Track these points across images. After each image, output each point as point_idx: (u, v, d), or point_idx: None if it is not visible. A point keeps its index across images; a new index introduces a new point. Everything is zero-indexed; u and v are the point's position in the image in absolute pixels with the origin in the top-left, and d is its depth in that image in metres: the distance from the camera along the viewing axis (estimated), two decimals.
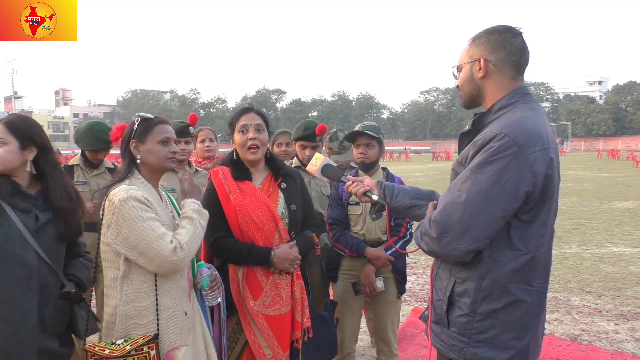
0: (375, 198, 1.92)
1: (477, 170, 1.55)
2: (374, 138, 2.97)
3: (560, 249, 7.29)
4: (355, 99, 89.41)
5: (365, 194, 1.95)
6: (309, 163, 2.23)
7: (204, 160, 3.84)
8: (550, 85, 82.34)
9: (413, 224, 2.14)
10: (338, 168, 2.27)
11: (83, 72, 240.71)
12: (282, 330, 2.36)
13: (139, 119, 2.05)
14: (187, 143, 3.41)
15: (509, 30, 1.68)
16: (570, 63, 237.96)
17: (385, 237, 2.97)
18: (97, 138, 3.43)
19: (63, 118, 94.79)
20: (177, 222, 2.10)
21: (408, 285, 5.30)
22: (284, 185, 2.50)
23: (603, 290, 5.40)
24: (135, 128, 2.03)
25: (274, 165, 2.54)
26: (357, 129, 3.01)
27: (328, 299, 2.84)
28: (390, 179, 3.01)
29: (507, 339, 1.60)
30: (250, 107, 2.53)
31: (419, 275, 6.15)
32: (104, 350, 1.83)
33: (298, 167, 3.27)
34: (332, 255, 3.12)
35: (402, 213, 1.98)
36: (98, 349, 1.84)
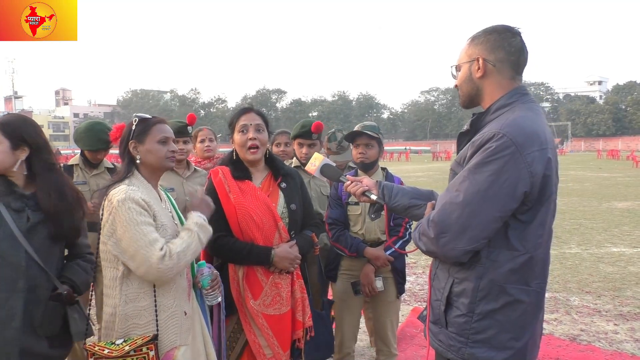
0: (374, 198, 1.93)
1: (475, 171, 1.55)
2: (374, 138, 2.98)
3: (560, 249, 7.29)
4: (356, 99, 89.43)
5: (364, 194, 1.96)
6: (308, 163, 2.23)
7: (204, 160, 3.84)
8: (550, 85, 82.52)
9: (412, 224, 2.14)
10: (337, 168, 2.28)
11: (83, 72, 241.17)
12: (282, 330, 2.36)
13: (137, 120, 2.05)
14: (185, 143, 3.42)
15: (508, 30, 1.67)
16: (570, 63, 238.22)
17: (385, 237, 2.97)
18: (96, 138, 3.43)
19: (63, 118, 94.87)
20: (176, 222, 2.10)
21: (407, 285, 5.30)
22: (284, 185, 2.50)
23: (602, 291, 5.40)
24: (134, 128, 2.03)
25: (274, 165, 2.54)
26: (356, 129, 3.02)
27: (325, 299, 2.85)
28: (390, 179, 3.01)
29: (504, 339, 1.60)
30: (250, 107, 2.53)
31: (419, 275, 6.15)
32: (104, 350, 1.83)
33: (297, 167, 3.28)
34: (331, 255, 3.12)
35: (400, 213, 1.98)
36: (98, 349, 1.84)
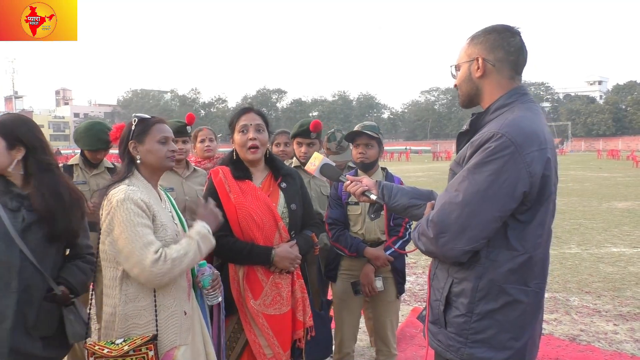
0: (374, 198, 1.93)
1: (474, 171, 1.55)
2: (374, 138, 2.98)
3: (560, 249, 7.29)
4: (356, 99, 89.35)
5: (364, 194, 1.96)
6: (308, 162, 2.23)
7: (204, 160, 3.85)
8: (551, 85, 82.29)
9: (412, 224, 2.14)
10: (337, 168, 2.28)
11: (83, 72, 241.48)
12: (282, 330, 2.36)
13: (137, 120, 2.05)
14: (184, 142, 3.43)
15: (508, 30, 1.67)
16: (570, 63, 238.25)
17: (385, 237, 2.97)
18: (96, 138, 3.43)
19: (64, 118, 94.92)
20: (176, 222, 2.10)
21: (407, 286, 5.31)
22: (284, 185, 2.50)
23: (602, 291, 5.39)
24: (133, 129, 2.03)
25: (274, 165, 2.54)
26: (356, 129, 3.02)
27: (325, 299, 2.85)
28: (390, 179, 3.01)
29: (504, 339, 1.60)
30: (250, 107, 2.53)
31: (419, 276, 6.15)
32: (103, 350, 1.84)
33: (297, 167, 3.28)
34: (331, 255, 3.12)
35: (400, 213, 1.98)
36: (98, 348, 1.85)
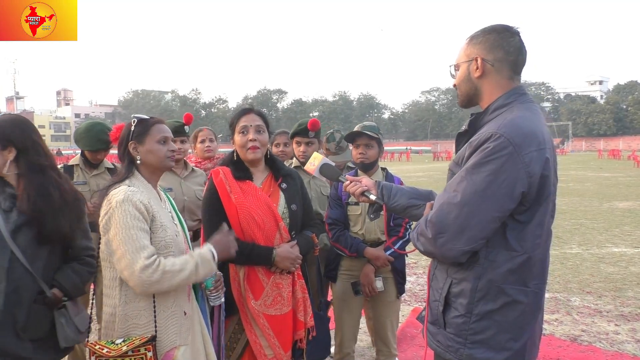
0: (373, 198, 1.93)
1: (472, 171, 1.55)
2: (374, 138, 2.98)
3: (561, 249, 7.28)
4: (356, 99, 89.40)
5: (363, 194, 1.96)
6: (307, 162, 2.23)
7: (204, 161, 3.85)
8: (551, 85, 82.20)
9: (412, 224, 2.14)
10: (336, 168, 2.27)
11: (84, 72, 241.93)
12: (283, 330, 2.36)
13: (136, 120, 2.05)
14: (182, 142, 3.44)
15: (507, 30, 1.67)
16: (571, 63, 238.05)
17: (385, 237, 2.97)
18: (96, 138, 3.43)
19: (64, 118, 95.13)
20: (175, 222, 2.10)
21: (408, 286, 5.30)
22: (285, 186, 2.50)
23: (603, 291, 5.39)
24: (133, 129, 2.03)
25: (274, 166, 2.54)
26: (356, 129, 3.02)
27: (323, 299, 2.86)
28: (390, 179, 3.01)
29: (503, 340, 1.60)
30: (251, 108, 2.52)
31: (419, 276, 6.14)
32: (103, 349, 1.84)
33: (297, 167, 3.28)
34: (331, 256, 3.12)
35: (399, 213, 1.98)
36: (98, 347, 1.85)
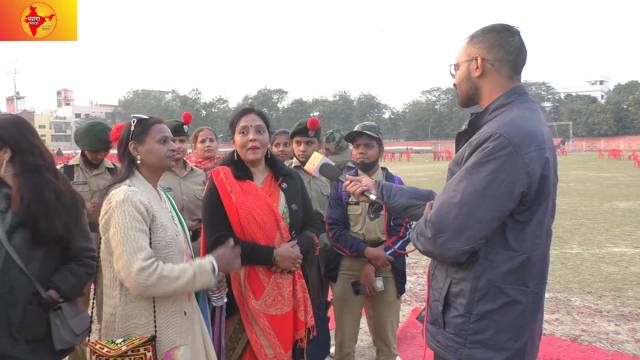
0: (373, 198, 1.92)
1: (472, 171, 1.55)
2: (374, 138, 2.98)
3: (561, 249, 7.28)
4: (357, 99, 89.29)
5: (363, 194, 1.95)
6: (307, 162, 2.23)
7: (204, 160, 3.86)
8: (552, 85, 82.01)
9: (412, 224, 2.14)
10: (336, 167, 2.27)
11: (85, 72, 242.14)
12: (284, 330, 2.36)
13: (135, 120, 2.05)
14: (181, 142, 3.45)
15: (507, 29, 1.67)
16: (572, 63, 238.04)
17: (385, 237, 2.97)
18: (96, 138, 3.43)
19: (65, 118, 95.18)
20: (175, 222, 2.10)
21: (408, 286, 5.31)
22: (285, 185, 2.50)
23: (604, 291, 5.39)
24: (133, 129, 2.03)
25: (275, 166, 2.54)
26: (356, 129, 3.02)
27: (323, 299, 2.86)
28: (390, 179, 3.01)
29: (502, 340, 1.60)
30: (251, 108, 2.52)
31: (420, 276, 6.14)
32: (103, 349, 1.84)
33: (297, 167, 3.28)
34: (331, 255, 3.11)
35: (399, 213, 1.98)
36: (98, 347, 1.85)
